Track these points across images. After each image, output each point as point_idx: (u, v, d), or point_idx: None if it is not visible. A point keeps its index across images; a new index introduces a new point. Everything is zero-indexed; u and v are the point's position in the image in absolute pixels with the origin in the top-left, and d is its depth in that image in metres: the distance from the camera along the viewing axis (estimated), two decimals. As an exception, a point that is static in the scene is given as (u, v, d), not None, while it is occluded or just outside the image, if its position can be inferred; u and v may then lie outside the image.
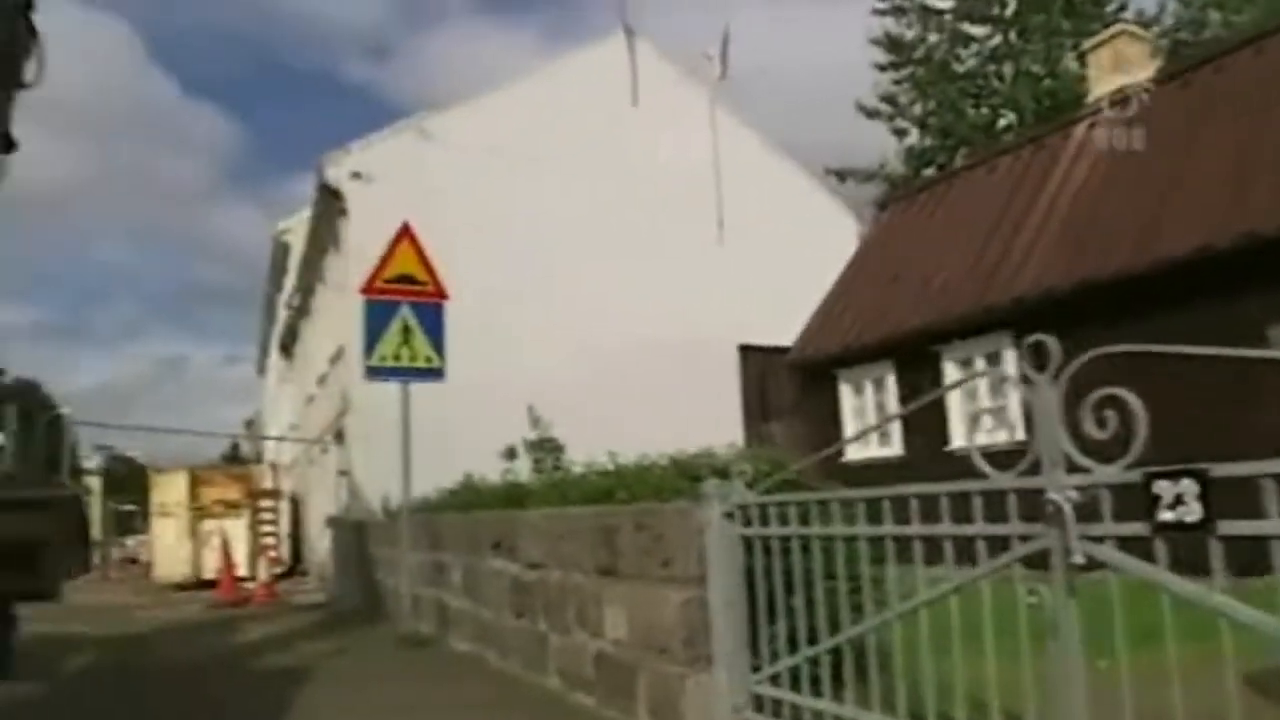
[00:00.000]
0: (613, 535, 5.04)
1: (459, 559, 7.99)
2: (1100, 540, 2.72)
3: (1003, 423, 3.76)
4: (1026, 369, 2.94)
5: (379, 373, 8.98)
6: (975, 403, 11.18)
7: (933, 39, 28.27)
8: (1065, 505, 2.74)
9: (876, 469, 12.25)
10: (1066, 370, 2.83)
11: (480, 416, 12.54)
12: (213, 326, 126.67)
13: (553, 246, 16.02)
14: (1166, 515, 2.46)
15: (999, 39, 27.67)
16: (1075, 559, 2.73)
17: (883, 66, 28.65)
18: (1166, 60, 17.20)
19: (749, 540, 4.22)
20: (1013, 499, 3.04)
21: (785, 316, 16.44)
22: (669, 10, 69.13)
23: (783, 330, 16.63)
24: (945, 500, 3.31)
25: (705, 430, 11.04)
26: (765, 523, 4.08)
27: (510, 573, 6.64)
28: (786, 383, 17.28)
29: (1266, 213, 9.81)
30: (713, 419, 15.24)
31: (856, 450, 14.09)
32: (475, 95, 16.95)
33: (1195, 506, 2.40)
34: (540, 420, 9.88)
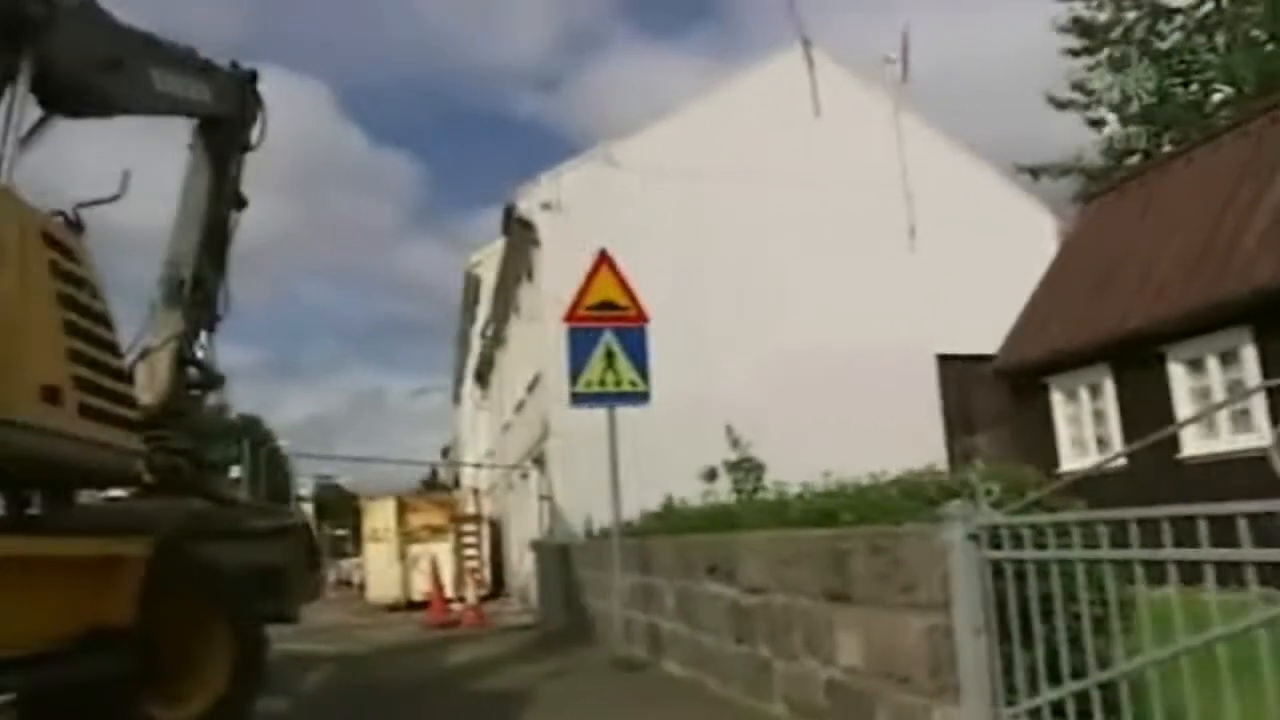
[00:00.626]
0: (844, 559, 4.85)
1: (672, 582, 7.95)
2: None
3: (1245, 427, 3.34)
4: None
5: (584, 399, 9.09)
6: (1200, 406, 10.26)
7: (1129, 17, 26.53)
8: None
9: (1093, 482, 11.42)
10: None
11: (674, 437, 12.54)
12: (404, 359, 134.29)
13: (743, 263, 15.93)
14: None
15: (1210, 5, 25.60)
16: None
17: (1075, 52, 27.12)
18: None
19: (997, 564, 3.94)
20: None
21: (983, 323, 15.69)
22: (828, 11, 68.06)
23: (981, 338, 15.86)
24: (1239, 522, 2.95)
25: (903, 445, 10.68)
26: (1018, 545, 3.80)
27: (728, 597, 6.52)
28: (990, 393, 16.45)
29: None
30: (911, 433, 14.73)
31: (1071, 462, 13.24)
32: (657, 118, 17.14)
33: None
34: (739, 440, 9.76)
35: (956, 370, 17.18)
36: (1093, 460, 12.93)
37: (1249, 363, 10.99)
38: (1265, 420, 9.49)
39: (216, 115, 8.00)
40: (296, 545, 8.15)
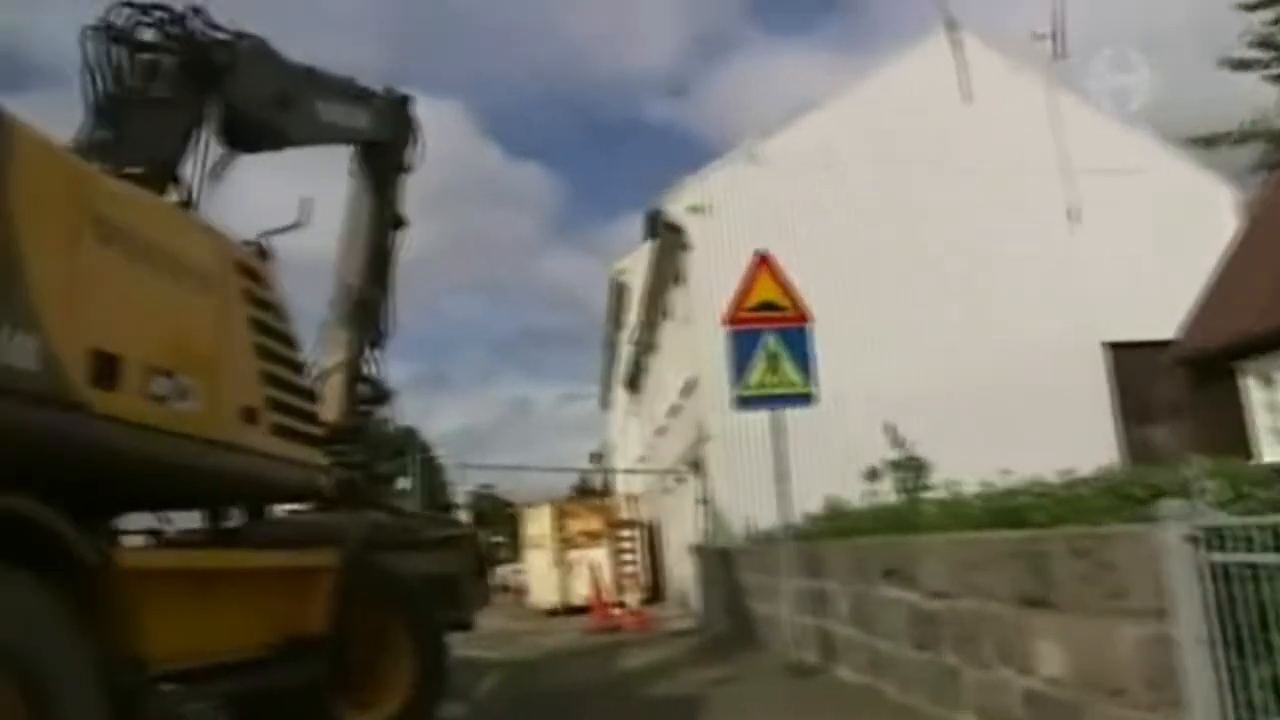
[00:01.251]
0: (1042, 562, 4.57)
1: (845, 586, 7.75)
2: None
3: None
4: None
5: (749, 402, 8.98)
6: None
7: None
8: None
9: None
10: None
11: (832, 436, 12.29)
12: (549, 367, 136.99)
13: (896, 255, 15.52)
14: None
15: None
16: None
17: (1251, 6, 25.16)
18: None
19: (1224, 568, 3.62)
20: None
21: (1156, 307, 14.66)
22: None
23: (1154, 323, 14.81)
24: None
25: (1070, 439, 10.11)
26: (1249, 548, 3.48)
27: (908, 601, 6.29)
28: (1167, 381, 15.40)
29: None
30: (1077, 427, 14.00)
31: (1275, 454, 12.24)
32: (798, 114, 16.87)
33: None
34: (903, 439, 9.44)
35: (1128, 358, 16.17)
36: (1290, 451, 11.94)
37: None
38: None
39: (376, 140, 8.29)
40: (467, 554, 8.37)
